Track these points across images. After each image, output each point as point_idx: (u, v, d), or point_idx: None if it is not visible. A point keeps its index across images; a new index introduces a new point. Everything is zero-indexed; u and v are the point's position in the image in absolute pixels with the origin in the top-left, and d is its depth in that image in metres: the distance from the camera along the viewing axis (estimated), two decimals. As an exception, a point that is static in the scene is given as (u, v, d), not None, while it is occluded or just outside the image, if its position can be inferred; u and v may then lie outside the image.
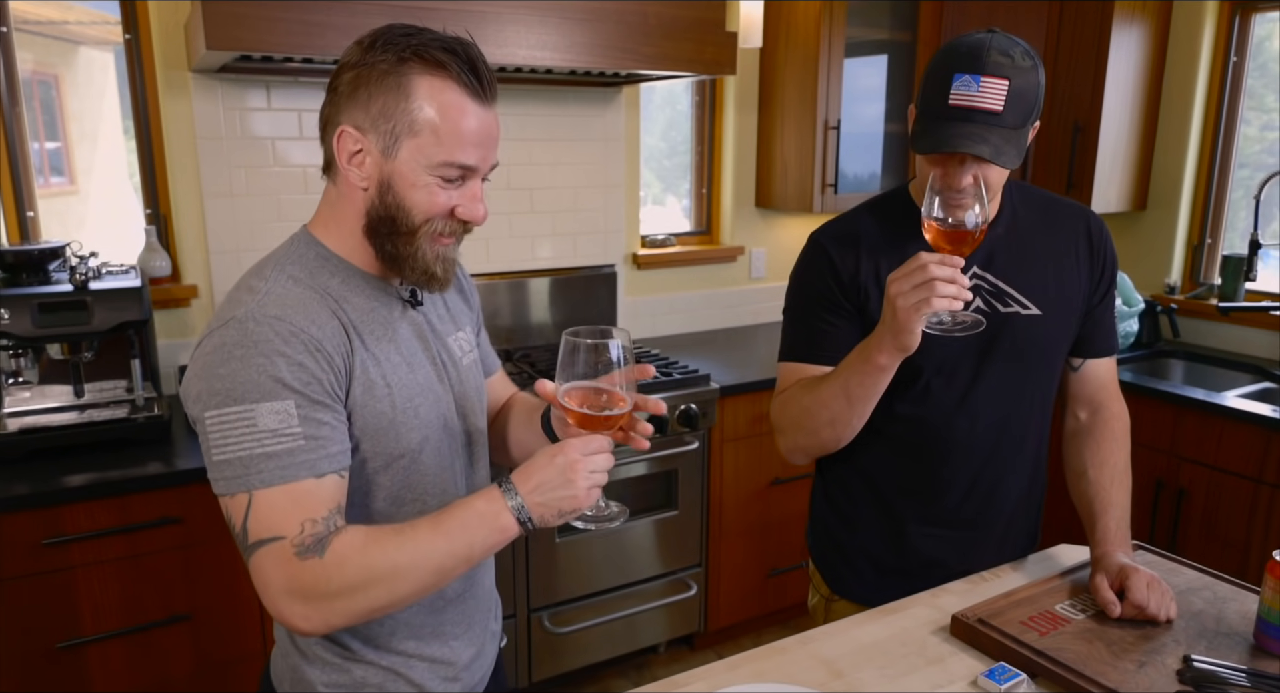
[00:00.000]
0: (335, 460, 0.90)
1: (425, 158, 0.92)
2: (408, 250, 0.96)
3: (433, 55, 0.91)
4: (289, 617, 0.87)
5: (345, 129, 0.94)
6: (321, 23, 1.83)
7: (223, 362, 0.87)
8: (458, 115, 0.92)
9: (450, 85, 0.92)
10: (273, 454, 0.86)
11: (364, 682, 1.02)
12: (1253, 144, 2.87)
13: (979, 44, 1.12)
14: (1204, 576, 1.35)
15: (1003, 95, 1.11)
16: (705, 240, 3.26)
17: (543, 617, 2.35)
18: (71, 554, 1.74)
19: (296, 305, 0.91)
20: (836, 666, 1.15)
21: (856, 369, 1.18)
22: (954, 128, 1.12)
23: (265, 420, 0.86)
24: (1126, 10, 2.75)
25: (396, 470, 0.99)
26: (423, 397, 1.01)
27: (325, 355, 0.90)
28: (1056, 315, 1.30)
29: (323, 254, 0.99)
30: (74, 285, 1.86)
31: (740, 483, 2.61)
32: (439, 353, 1.06)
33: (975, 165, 1.13)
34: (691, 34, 2.31)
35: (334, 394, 0.91)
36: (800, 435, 1.29)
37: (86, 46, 2.35)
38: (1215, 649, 1.15)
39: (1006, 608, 1.24)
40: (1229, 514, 2.34)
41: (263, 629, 1.95)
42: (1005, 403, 1.32)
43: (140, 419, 1.93)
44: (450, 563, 0.89)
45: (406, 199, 0.94)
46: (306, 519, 0.86)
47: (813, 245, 1.33)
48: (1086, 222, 1.35)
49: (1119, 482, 1.33)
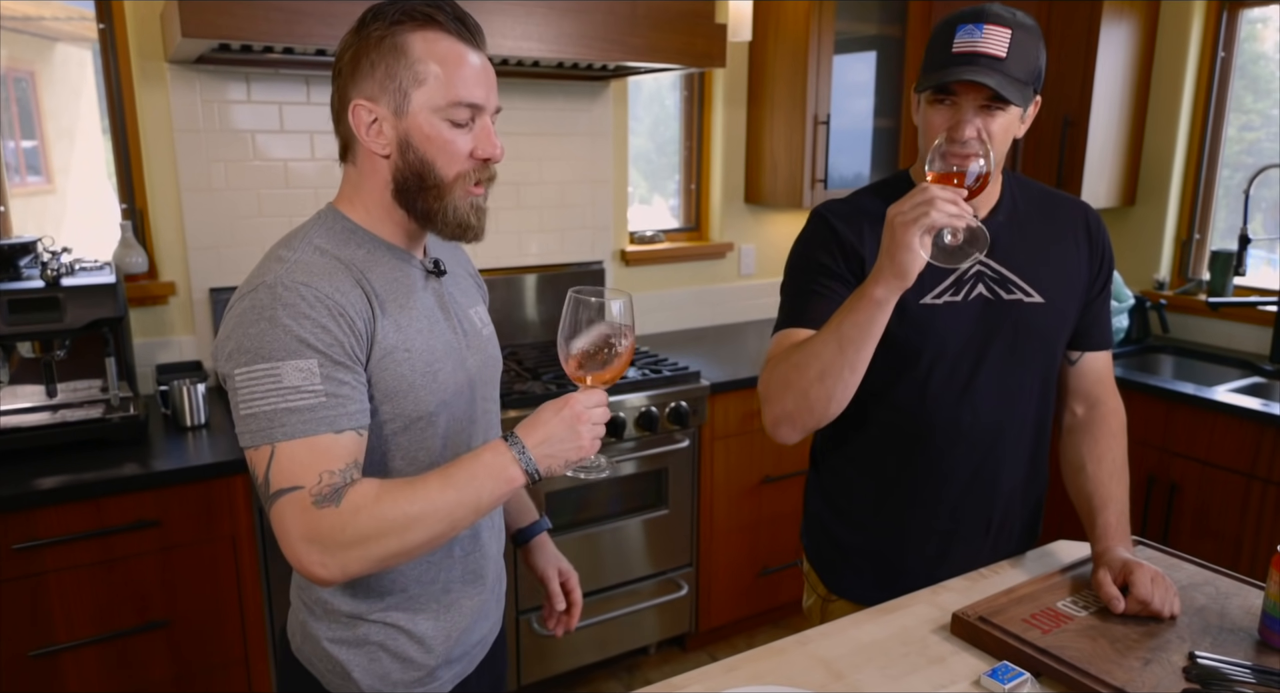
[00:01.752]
0: (354, 418, 0.95)
1: (435, 103, 0.98)
2: (439, 205, 1.01)
3: (421, 12, 0.98)
4: (307, 564, 0.91)
5: (358, 102, 0.99)
6: (301, 10, 1.79)
7: (253, 322, 0.93)
8: (456, 59, 0.98)
9: (443, 35, 0.98)
10: (295, 409, 0.91)
11: (365, 638, 1.07)
12: (1232, 144, 2.87)
13: (982, 5, 1.14)
14: (1205, 571, 1.33)
15: (1005, 41, 1.11)
16: (694, 237, 3.23)
17: (531, 619, 2.31)
18: (44, 559, 1.69)
19: (321, 273, 0.96)
20: (836, 667, 1.12)
21: (850, 307, 1.10)
22: (958, 68, 1.12)
23: (290, 378, 0.91)
24: (1115, 6, 2.75)
25: (415, 432, 1.04)
26: (442, 363, 1.05)
27: (348, 320, 0.95)
28: (1059, 304, 1.28)
29: (348, 227, 1.04)
30: (46, 282, 1.80)
31: (731, 481, 2.58)
32: (460, 322, 1.12)
33: (978, 118, 1.13)
34: (681, 25, 2.28)
35: (354, 357, 0.96)
36: (788, 397, 1.17)
37: (63, 43, 2.29)
38: (1220, 646, 1.12)
39: (1008, 606, 1.22)
40: (1221, 509, 2.33)
41: (243, 635, 1.90)
42: (1007, 393, 1.29)
43: (115, 420, 1.88)
44: (460, 513, 0.94)
45: (427, 152, 0.99)
46: (324, 471, 0.91)
47: (817, 217, 1.31)
48: (1085, 214, 1.34)
49: (1118, 477, 1.30)
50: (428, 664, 1.10)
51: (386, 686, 1.08)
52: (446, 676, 1.14)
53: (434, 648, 1.11)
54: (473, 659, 1.19)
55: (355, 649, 1.07)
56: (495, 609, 1.22)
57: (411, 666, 1.09)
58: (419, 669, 1.10)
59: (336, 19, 1.83)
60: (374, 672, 1.08)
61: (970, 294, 1.25)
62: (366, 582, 1.06)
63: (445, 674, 1.14)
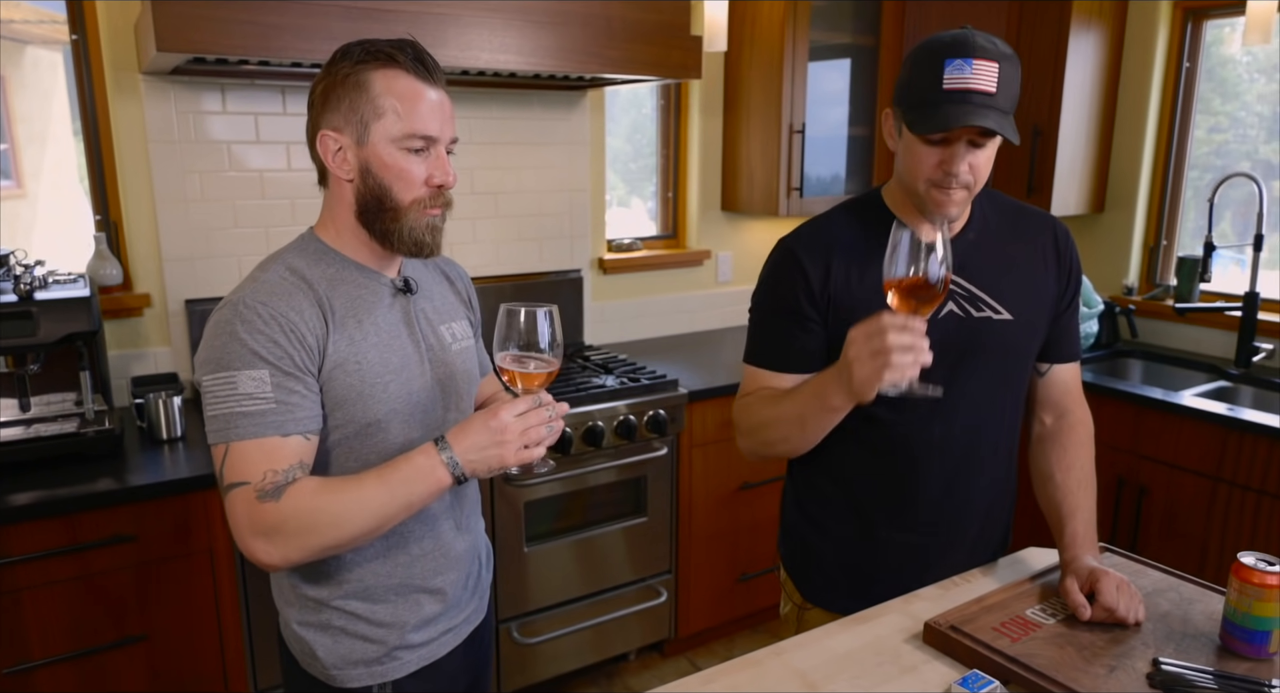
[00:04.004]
0: (301, 423, 1.06)
1: (392, 134, 1.09)
2: (395, 226, 1.12)
3: (383, 52, 1.09)
4: (254, 551, 1.03)
5: (325, 132, 1.11)
6: (277, 24, 1.79)
7: (218, 336, 1.06)
8: (413, 95, 1.09)
9: (401, 73, 1.09)
10: (248, 413, 1.03)
11: (329, 622, 1.18)
12: (1201, 146, 2.94)
13: (963, 34, 1.15)
14: (1169, 577, 1.36)
15: (995, 77, 1.13)
16: (672, 244, 3.25)
17: (511, 628, 2.32)
18: (18, 576, 1.68)
19: (281, 294, 1.08)
20: (810, 677, 1.14)
21: (812, 403, 1.20)
22: (953, 108, 1.13)
23: (244, 386, 1.04)
24: (1083, 17, 2.80)
25: (368, 437, 1.14)
26: (394, 375, 1.15)
27: (299, 336, 1.07)
28: (1027, 320, 1.31)
29: (321, 248, 1.16)
30: (18, 295, 1.79)
31: (709, 488, 2.60)
32: (425, 337, 1.21)
33: (969, 152, 1.16)
34: (656, 38, 2.30)
35: (304, 368, 1.07)
36: (756, 444, 1.34)
37: (34, 46, 2.27)
38: (1183, 652, 1.16)
39: (978, 614, 1.24)
40: (1188, 512, 2.38)
41: (221, 648, 1.90)
42: (978, 406, 1.32)
43: (90, 434, 1.86)
44: (392, 510, 1.05)
45: (385, 178, 1.10)
46: (269, 470, 1.03)
47: (784, 252, 1.32)
48: (1053, 229, 1.36)
49: (1085, 486, 1.34)
50: (387, 643, 1.19)
51: (348, 665, 1.19)
52: (410, 658, 1.22)
53: (391, 633, 1.19)
54: (442, 645, 1.26)
55: (320, 632, 1.18)
56: (470, 601, 1.31)
57: (371, 645, 1.19)
58: (379, 648, 1.19)
59: (311, 33, 1.82)
60: (337, 652, 1.18)
61: (941, 312, 1.28)
62: (327, 571, 1.16)
63: (408, 656, 1.22)
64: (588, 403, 2.31)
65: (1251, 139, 2.81)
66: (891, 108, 1.25)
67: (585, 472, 2.34)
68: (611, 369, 2.58)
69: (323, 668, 1.19)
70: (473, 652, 1.33)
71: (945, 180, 1.18)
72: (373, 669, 1.19)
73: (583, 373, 2.55)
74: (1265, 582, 1.13)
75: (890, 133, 1.27)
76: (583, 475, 2.35)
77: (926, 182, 1.20)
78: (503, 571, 2.28)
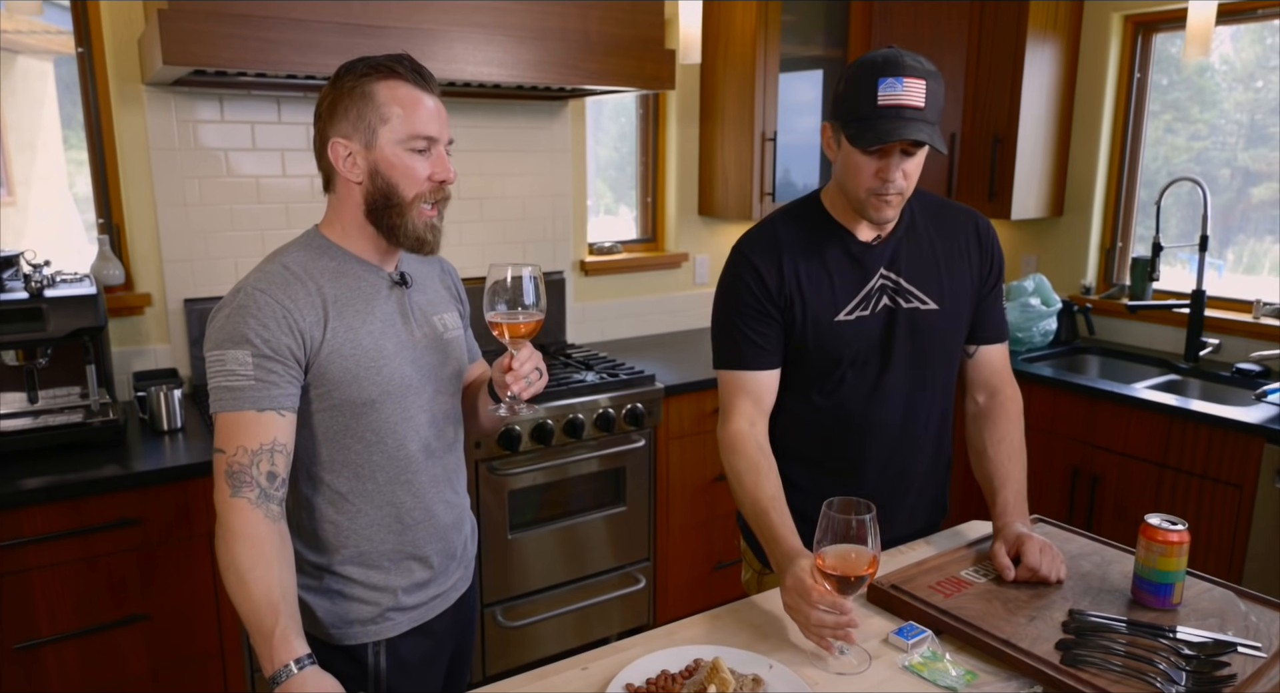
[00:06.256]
0: (275, 401, 1.16)
1: (397, 136, 1.20)
2: (401, 221, 1.23)
3: (383, 66, 1.21)
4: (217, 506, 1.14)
5: (335, 140, 1.22)
6: (277, 39, 1.91)
7: (220, 318, 1.18)
8: (413, 102, 1.21)
9: (402, 82, 1.21)
10: (230, 388, 1.15)
11: (328, 586, 1.29)
12: (1181, 153, 3.07)
13: (891, 54, 1.27)
14: (1093, 542, 1.49)
15: (923, 93, 1.26)
16: (651, 247, 3.37)
17: (495, 612, 2.43)
18: (27, 557, 1.78)
19: (283, 285, 1.20)
20: (763, 630, 1.26)
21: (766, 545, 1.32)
22: (889, 123, 1.25)
23: (230, 363, 1.15)
24: (1039, 31, 2.95)
25: (364, 416, 1.24)
26: (386, 359, 1.25)
27: (291, 322, 1.17)
28: (951, 308, 1.44)
29: (324, 244, 1.27)
30: (29, 293, 1.89)
31: (686, 479, 2.72)
32: (418, 327, 1.31)
33: (903, 160, 1.29)
34: (632, 51, 2.43)
35: (290, 353, 1.17)
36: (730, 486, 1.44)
37: (25, 56, 2.33)
38: (1098, 604, 1.28)
39: (917, 575, 1.37)
40: (1138, 496, 2.52)
41: (219, 628, 2.00)
42: (911, 388, 1.45)
43: (96, 423, 1.97)
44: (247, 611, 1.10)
45: (392, 177, 1.21)
46: (241, 445, 1.14)
47: (738, 256, 1.43)
48: (975, 224, 1.49)
49: (1015, 458, 1.46)
50: (381, 605, 1.30)
51: (345, 624, 1.29)
52: (402, 619, 1.33)
53: (385, 596, 1.30)
54: (431, 609, 1.37)
55: (320, 595, 1.28)
56: (456, 569, 1.42)
57: (367, 607, 1.29)
58: (374, 609, 1.30)
59: (307, 48, 1.95)
60: (335, 612, 1.29)
61: (877, 307, 1.41)
62: (328, 538, 1.27)
63: (400, 618, 1.32)
64: (568, 396, 2.43)
65: (1230, 146, 2.91)
66: (830, 121, 1.37)
67: (567, 462, 2.46)
68: (592, 365, 2.70)
69: (323, 628, 1.28)
70: (460, 617, 1.44)
71: (883, 188, 1.31)
72: (368, 629, 1.30)
73: (564, 369, 2.67)
74: (1168, 539, 1.26)
75: (830, 144, 1.39)
76: (564, 466, 2.46)
77: (867, 190, 1.33)
78: (488, 557, 2.39)
